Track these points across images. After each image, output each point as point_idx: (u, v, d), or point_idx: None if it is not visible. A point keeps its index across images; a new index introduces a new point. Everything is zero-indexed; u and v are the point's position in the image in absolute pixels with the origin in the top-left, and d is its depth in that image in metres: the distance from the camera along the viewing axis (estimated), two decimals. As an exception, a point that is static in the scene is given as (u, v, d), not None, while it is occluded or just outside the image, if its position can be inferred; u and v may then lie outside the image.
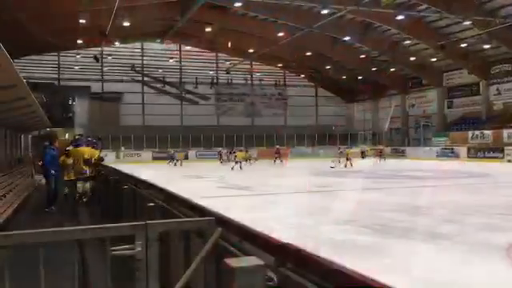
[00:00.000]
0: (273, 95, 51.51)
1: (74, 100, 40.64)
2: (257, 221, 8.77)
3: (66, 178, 9.50)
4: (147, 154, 40.66)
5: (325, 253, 5.61)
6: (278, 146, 35.39)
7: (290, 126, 49.04)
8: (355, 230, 7.95)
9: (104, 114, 42.78)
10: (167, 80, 47.43)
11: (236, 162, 25.75)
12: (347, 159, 26.30)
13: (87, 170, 9.53)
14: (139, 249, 1.86)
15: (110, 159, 31.48)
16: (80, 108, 40.39)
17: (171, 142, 41.78)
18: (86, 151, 9.56)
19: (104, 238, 1.86)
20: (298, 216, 9.51)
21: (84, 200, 9.44)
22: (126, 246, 1.90)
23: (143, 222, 1.93)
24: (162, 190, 3.58)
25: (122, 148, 40.48)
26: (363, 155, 38.98)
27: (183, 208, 2.77)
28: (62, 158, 9.81)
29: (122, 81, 45.50)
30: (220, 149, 34.66)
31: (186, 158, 31.38)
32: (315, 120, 52.35)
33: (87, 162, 9.40)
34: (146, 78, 46.95)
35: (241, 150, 28.32)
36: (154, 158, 39.21)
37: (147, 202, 3.64)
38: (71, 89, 40.78)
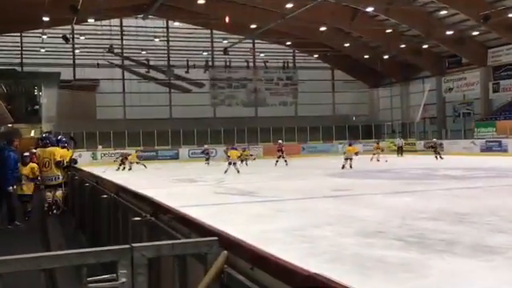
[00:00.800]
0: (280, 80, 51.51)
1: (40, 90, 40.70)
2: (263, 234, 8.83)
3: (19, 192, 9.42)
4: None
5: (348, 274, 5.61)
6: (280, 141, 35.02)
7: (302, 116, 49.03)
8: (384, 243, 7.91)
9: (77, 105, 42.88)
10: (152, 64, 47.47)
11: (229, 164, 25.51)
12: (346, 159, 26.10)
13: (59, 175, 9.51)
14: (123, 280, 1.78)
15: (85, 160, 31.58)
16: (48, 99, 40.50)
17: (158, 138, 41.86)
18: (58, 152, 9.54)
19: (79, 267, 1.79)
20: (313, 227, 9.47)
21: (55, 212, 9.41)
22: (107, 276, 1.82)
23: (128, 246, 1.85)
24: (149, 201, 3.50)
25: (100, 147, 40.57)
26: (399, 151, 38.59)
27: (177, 223, 2.69)
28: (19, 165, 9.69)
29: (97, 65, 45.54)
30: (206, 146, 34.32)
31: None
32: (332, 109, 52.30)
33: (58, 164, 9.38)
34: (126, 62, 47.02)
35: (234, 148, 27.98)
36: (139, 158, 39.26)
37: (132, 216, 3.58)
38: (37, 76, 40.87)
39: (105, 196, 4.92)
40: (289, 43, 47.87)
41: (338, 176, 22.05)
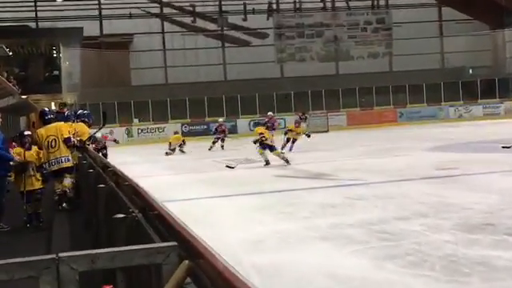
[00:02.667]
0: (368, 24, 50.71)
1: (59, 50, 41.97)
2: (331, 229, 8.79)
3: (28, 188, 9.50)
4: (174, 128, 41.35)
5: (437, 282, 5.47)
6: (299, 114, 33.99)
7: (398, 72, 48.14)
8: (492, 240, 7.72)
9: (106, 69, 44.00)
10: (200, 11, 47.82)
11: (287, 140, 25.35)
12: None
13: (69, 157, 9.78)
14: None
15: (119, 139, 32.44)
16: (69, 62, 41.71)
17: (211, 107, 42.33)
18: (64, 127, 9.80)
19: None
20: (398, 219, 9.37)
21: (64, 206, 9.69)
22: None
23: (52, 256, 1.84)
24: (137, 192, 3.50)
25: (136, 120, 41.55)
26: None
27: (159, 223, 2.67)
28: (18, 150, 9.87)
29: (130, 16, 46.39)
30: (221, 120, 31.65)
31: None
32: (439, 61, 50.99)
33: (68, 141, 9.63)
34: (166, 10, 47.60)
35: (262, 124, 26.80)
36: (186, 134, 39.91)
37: (125, 212, 3.61)
38: (54, 33, 42.08)
39: (102, 186, 5.00)
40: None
41: (443, 150, 21.57)
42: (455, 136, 27.83)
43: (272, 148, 19.57)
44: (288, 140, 24.83)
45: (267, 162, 19.22)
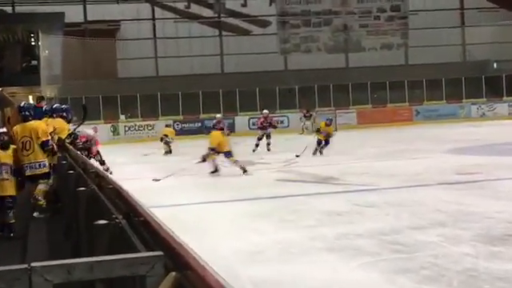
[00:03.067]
0: (382, 11, 50.70)
1: (38, 38, 41.95)
2: (339, 240, 8.81)
3: None
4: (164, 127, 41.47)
5: None
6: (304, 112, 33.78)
7: (415, 65, 48.15)
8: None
9: (90, 59, 43.97)
10: (194, -5, 47.89)
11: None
12: None
13: (45, 162, 9.71)
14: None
15: (103, 137, 32.41)
16: (49, 51, 41.67)
17: (206, 103, 42.35)
18: (40, 127, 9.73)
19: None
20: (413, 229, 9.40)
21: (35, 215, 9.64)
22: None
23: (24, 266, 1.85)
24: (121, 196, 3.52)
25: (122, 117, 41.56)
26: None
27: (145, 230, 2.68)
28: None
29: (117, 2, 46.41)
30: (219, 115, 30.58)
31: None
32: (460, 53, 51.01)
33: (44, 145, 9.58)
34: (157, -6, 47.64)
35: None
36: (178, 132, 39.89)
37: (104, 217, 3.63)
38: (33, 18, 42.03)
39: (83, 189, 5.02)
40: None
41: (465, 152, 21.58)
42: (477, 137, 27.84)
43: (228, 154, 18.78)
44: (320, 142, 23.57)
45: (216, 169, 18.38)
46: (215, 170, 18.32)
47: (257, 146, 25.73)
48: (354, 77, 45.52)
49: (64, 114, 11.97)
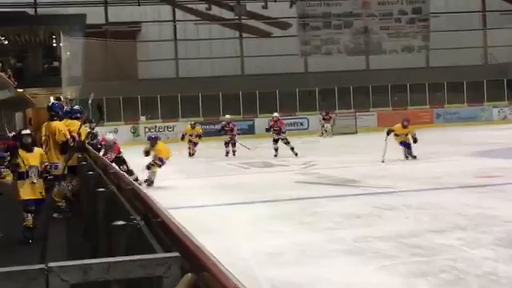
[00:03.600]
0: (403, 14, 50.56)
1: (59, 39, 42.22)
2: (357, 243, 8.78)
3: (24, 197, 9.14)
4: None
5: None
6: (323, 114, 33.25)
7: (436, 68, 47.96)
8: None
9: (111, 60, 44.20)
10: (215, -3, 47.96)
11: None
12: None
13: (57, 164, 9.69)
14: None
15: (123, 137, 32.58)
16: (70, 52, 41.92)
17: (226, 105, 42.38)
18: (62, 128, 9.77)
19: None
20: (433, 232, 9.36)
21: (55, 216, 9.69)
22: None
23: (41, 266, 1.86)
24: (139, 197, 3.53)
25: (143, 118, 41.69)
26: None
27: (162, 231, 2.69)
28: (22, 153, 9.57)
29: (138, 3, 46.57)
30: (228, 116, 29.09)
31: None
32: (482, 56, 50.70)
33: (63, 146, 9.61)
34: (178, -4, 47.76)
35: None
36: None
37: (123, 217, 3.64)
38: (55, 20, 42.33)
39: (102, 190, 5.04)
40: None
41: (485, 155, 21.45)
42: (498, 140, 27.65)
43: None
44: (406, 145, 21.90)
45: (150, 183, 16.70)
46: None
47: (276, 149, 24.46)
48: (374, 79, 45.36)
49: (78, 115, 11.95)
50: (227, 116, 28.97)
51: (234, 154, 25.76)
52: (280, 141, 24.61)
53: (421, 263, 7.72)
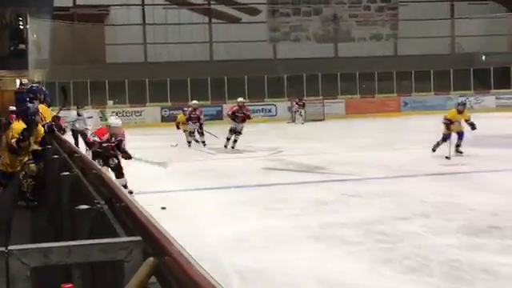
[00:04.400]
0: (372, 2, 50.66)
1: (26, 21, 41.72)
2: (323, 229, 8.84)
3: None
4: (153, 112, 41.37)
5: None
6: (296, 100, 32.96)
7: (404, 56, 48.19)
8: (499, 245, 7.83)
9: (78, 44, 43.76)
10: (184, -19, 47.69)
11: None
12: None
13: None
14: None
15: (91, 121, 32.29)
16: (37, 35, 41.45)
17: (194, 90, 42.23)
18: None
19: None
20: (398, 219, 9.45)
21: (21, 203, 9.59)
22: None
23: (1, 249, 1.85)
24: (104, 181, 3.51)
25: (110, 102, 41.38)
26: None
27: (126, 215, 2.68)
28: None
29: (106, -15, 46.16)
30: (194, 102, 26.61)
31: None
32: (449, 45, 51.05)
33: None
34: (147, -20, 47.42)
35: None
36: (166, 119, 39.85)
37: (87, 202, 3.62)
38: (22, 1, 41.74)
39: (67, 174, 5.00)
40: None
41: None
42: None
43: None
44: (446, 138, 18.72)
45: None
46: None
47: (228, 139, 22.30)
48: (342, 67, 45.43)
49: (43, 98, 11.66)
50: (194, 101, 26.92)
51: (204, 145, 23.65)
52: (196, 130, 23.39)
53: (385, 250, 7.79)
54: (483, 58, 49.02)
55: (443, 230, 8.65)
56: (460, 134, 18.96)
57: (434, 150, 18.29)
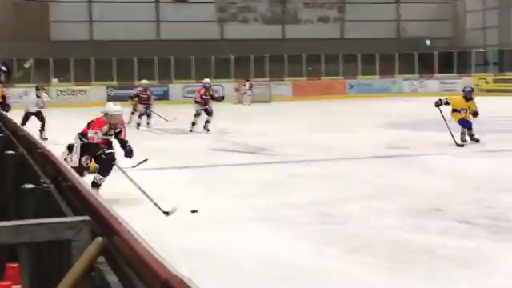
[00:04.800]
0: (320, -16, 50.85)
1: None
2: (269, 211, 8.89)
3: None
4: (98, 91, 40.82)
5: (377, 269, 5.67)
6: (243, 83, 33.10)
7: (350, 39, 48.49)
8: (440, 226, 7.98)
9: (22, 20, 42.93)
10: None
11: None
12: None
13: None
14: None
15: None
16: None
17: (140, 69, 41.92)
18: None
19: None
20: (342, 201, 9.54)
21: None
22: None
23: None
24: (50, 160, 3.47)
25: (55, 80, 40.78)
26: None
27: (73, 194, 2.66)
28: None
29: (51, -40, 45.32)
30: (145, 82, 25.33)
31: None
32: (395, 29, 51.55)
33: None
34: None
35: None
36: (112, 98, 39.38)
37: (32, 181, 3.58)
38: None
39: (11, 152, 4.92)
40: None
41: (395, 127, 21.93)
42: (408, 112, 28.33)
43: None
44: (465, 124, 16.75)
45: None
46: None
47: (194, 124, 21.32)
48: (289, 49, 45.56)
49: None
50: (144, 81, 25.42)
51: (148, 126, 22.78)
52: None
53: (330, 230, 7.88)
54: (427, 42, 49.69)
55: (386, 212, 8.78)
56: (463, 122, 16.74)
57: (462, 145, 16.23)
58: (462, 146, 16.18)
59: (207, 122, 21.23)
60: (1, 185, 5.98)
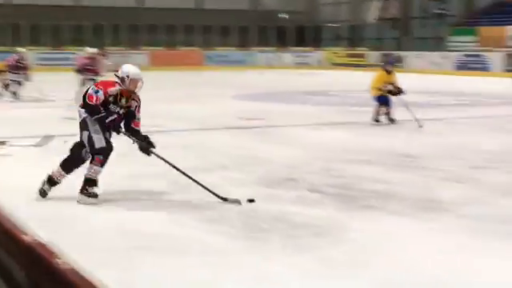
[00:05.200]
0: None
1: None
2: (123, 181, 8.75)
3: None
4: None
5: (235, 239, 5.76)
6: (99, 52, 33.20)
7: (207, 10, 48.44)
8: (292, 196, 8.13)
9: None
10: None
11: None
12: None
13: None
14: None
15: None
16: None
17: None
18: None
19: None
20: (198, 171, 9.49)
21: None
22: None
23: None
24: None
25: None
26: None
27: None
28: None
29: None
30: (20, 49, 23.75)
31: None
32: (251, 2, 51.91)
33: None
34: None
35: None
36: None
37: None
38: None
39: None
40: None
41: (250, 99, 22.18)
42: (263, 84, 28.77)
43: None
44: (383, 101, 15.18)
45: None
46: None
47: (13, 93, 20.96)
48: (147, 18, 45.05)
49: None
50: (19, 48, 24.02)
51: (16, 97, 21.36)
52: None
53: (186, 201, 7.87)
54: (284, 15, 50.36)
55: (241, 182, 8.86)
56: (382, 100, 15.17)
57: (377, 121, 15.10)
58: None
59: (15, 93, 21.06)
60: None
